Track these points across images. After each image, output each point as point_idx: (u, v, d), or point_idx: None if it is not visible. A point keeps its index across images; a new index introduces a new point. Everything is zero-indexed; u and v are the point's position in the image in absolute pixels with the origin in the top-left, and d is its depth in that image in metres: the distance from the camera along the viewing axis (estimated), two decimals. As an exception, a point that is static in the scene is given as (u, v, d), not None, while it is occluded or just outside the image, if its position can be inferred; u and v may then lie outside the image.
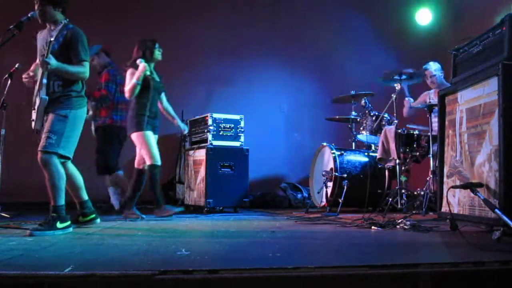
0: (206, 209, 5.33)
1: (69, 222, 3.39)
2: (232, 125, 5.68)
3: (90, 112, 5.37)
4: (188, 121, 6.16)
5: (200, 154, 5.60)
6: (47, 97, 3.40)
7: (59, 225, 3.29)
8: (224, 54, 6.98)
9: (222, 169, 5.50)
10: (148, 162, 4.64)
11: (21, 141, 5.62)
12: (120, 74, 5.39)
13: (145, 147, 4.64)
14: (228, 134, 5.65)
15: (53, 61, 3.31)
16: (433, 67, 5.33)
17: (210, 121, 5.58)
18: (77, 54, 3.45)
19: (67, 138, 3.41)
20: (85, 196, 3.69)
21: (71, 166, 3.59)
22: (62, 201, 3.36)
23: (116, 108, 5.37)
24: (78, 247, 2.66)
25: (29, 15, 3.70)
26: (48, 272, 1.78)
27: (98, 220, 3.75)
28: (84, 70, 3.48)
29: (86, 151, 4.78)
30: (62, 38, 3.44)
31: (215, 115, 5.63)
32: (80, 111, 3.53)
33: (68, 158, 3.50)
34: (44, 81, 3.43)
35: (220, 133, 5.61)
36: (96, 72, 5.48)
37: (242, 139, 5.69)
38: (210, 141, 5.53)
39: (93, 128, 5.46)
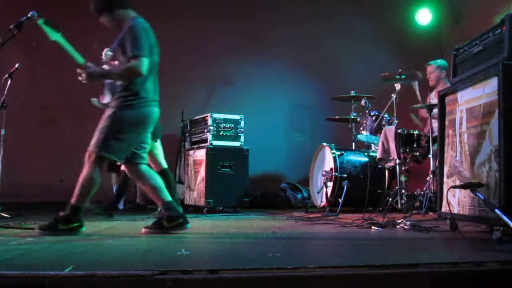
0: (206, 209, 5.33)
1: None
2: (232, 125, 5.67)
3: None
4: (188, 121, 6.16)
5: (200, 154, 5.60)
6: (96, 100, 3.32)
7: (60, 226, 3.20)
8: (224, 54, 6.97)
9: (222, 169, 5.50)
10: None
11: (21, 141, 5.65)
12: None
13: None
14: (228, 134, 5.64)
15: (91, 70, 3.18)
16: (435, 64, 5.30)
17: (210, 121, 5.57)
18: (128, 50, 3.20)
19: (109, 137, 3.21)
20: (167, 197, 3.39)
21: (144, 168, 3.40)
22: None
23: None
24: (78, 247, 2.66)
25: (29, 15, 3.70)
26: (48, 272, 1.78)
27: (188, 225, 3.39)
28: (136, 65, 3.15)
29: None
30: (121, 36, 3.31)
31: (215, 115, 5.62)
32: (131, 111, 3.25)
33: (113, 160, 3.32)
34: (108, 81, 3.34)
35: (220, 133, 5.61)
36: None
37: (242, 139, 5.69)
38: (210, 141, 5.52)
39: None
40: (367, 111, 5.52)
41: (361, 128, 5.60)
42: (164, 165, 4.63)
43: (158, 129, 4.27)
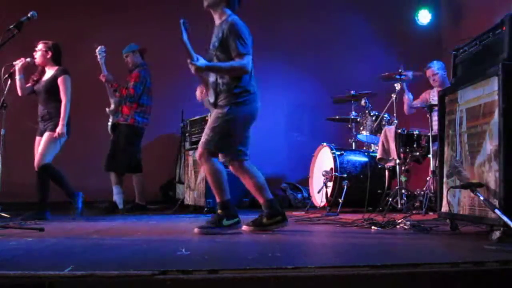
0: (206, 209, 5.32)
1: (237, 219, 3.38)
2: (232, 125, 5.66)
3: (112, 106, 5.43)
4: (188, 121, 6.16)
5: (200, 154, 5.59)
6: (207, 100, 3.40)
7: (225, 222, 3.30)
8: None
9: (222, 169, 5.49)
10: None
11: (21, 141, 5.63)
12: (150, 77, 5.49)
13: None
14: (228, 134, 5.64)
15: (199, 62, 3.21)
16: (436, 65, 5.31)
17: (210, 121, 5.56)
18: (234, 48, 3.28)
19: (223, 136, 3.31)
20: (269, 195, 3.50)
21: (247, 164, 3.54)
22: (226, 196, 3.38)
23: (140, 110, 5.45)
24: (78, 247, 2.66)
25: (29, 15, 3.71)
26: (48, 272, 1.78)
27: (287, 222, 3.46)
28: (243, 63, 3.28)
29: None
30: (221, 33, 3.36)
31: (215, 115, 5.61)
32: (243, 108, 3.36)
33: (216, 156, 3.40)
34: (211, 79, 3.36)
35: (220, 133, 5.60)
36: (128, 69, 5.56)
37: (242, 139, 5.68)
38: (210, 141, 5.51)
39: (110, 123, 5.48)
40: (367, 111, 5.52)
41: (361, 128, 5.60)
42: None
43: None
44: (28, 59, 4.71)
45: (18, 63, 4.69)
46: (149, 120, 5.61)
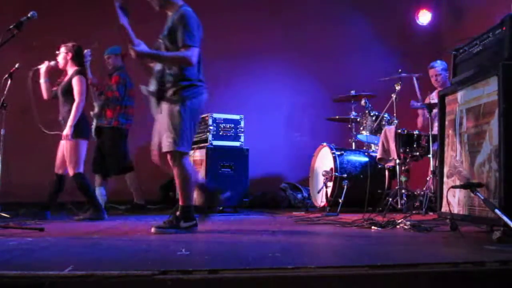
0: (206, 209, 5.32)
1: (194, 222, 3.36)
2: (232, 125, 5.68)
3: (96, 109, 5.40)
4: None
5: (200, 154, 5.60)
6: (145, 88, 3.29)
7: (182, 224, 3.30)
8: (224, 54, 6.97)
9: (222, 169, 5.50)
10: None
11: (21, 141, 5.64)
12: (129, 79, 5.48)
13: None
14: (228, 134, 5.65)
15: (140, 48, 3.15)
16: (440, 66, 5.29)
17: (210, 121, 5.57)
18: (180, 39, 3.22)
19: (183, 132, 3.27)
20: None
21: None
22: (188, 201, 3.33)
23: (123, 111, 5.44)
24: (78, 247, 2.66)
25: (29, 15, 3.70)
26: (48, 272, 1.78)
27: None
28: (187, 54, 3.21)
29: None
30: (171, 23, 3.31)
31: (215, 115, 5.63)
32: (194, 101, 3.33)
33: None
34: (156, 68, 3.29)
35: (220, 133, 5.61)
36: (107, 72, 5.55)
37: (242, 139, 5.69)
38: (210, 141, 5.52)
39: (93, 126, 5.44)
40: (367, 111, 5.52)
41: (361, 128, 5.60)
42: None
43: None
44: (52, 63, 4.66)
45: (42, 67, 4.65)
46: (133, 121, 5.59)
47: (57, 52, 4.73)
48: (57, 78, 4.77)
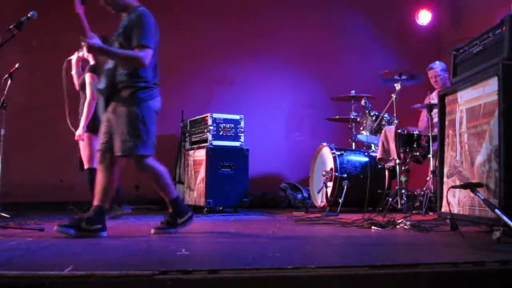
0: (206, 209, 5.33)
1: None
2: (232, 125, 5.67)
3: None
4: (188, 121, 6.16)
5: (200, 154, 5.60)
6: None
7: (179, 220, 3.30)
8: (224, 54, 6.97)
9: (222, 169, 5.50)
10: None
11: (21, 141, 5.64)
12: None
13: None
14: (228, 134, 5.64)
15: (93, 41, 3.03)
16: (439, 67, 5.29)
17: (210, 121, 5.57)
18: (135, 38, 3.10)
19: (142, 134, 3.18)
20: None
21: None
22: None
23: None
24: (78, 247, 2.66)
25: (29, 15, 3.70)
26: (48, 272, 1.78)
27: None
28: (140, 55, 3.07)
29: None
30: (127, 22, 3.18)
31: (215, 115, 5.63)
32: (150, 103, 3.22)
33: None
34: (107, 66, 3.19)
35: (220, 133, 5.61)
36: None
37: (242, 139, 5.69)
38: (210, 141, 5.52)
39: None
40: (367, 111, 5.52)
41: (361, 128, 5.60)
42: None
43: None
44: (81, 53, 4.61)
45: (74, 57, 4.62)
46: None
47: (82, 43, 4.70)
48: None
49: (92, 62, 4.65)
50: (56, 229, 3.04)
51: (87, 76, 4.51)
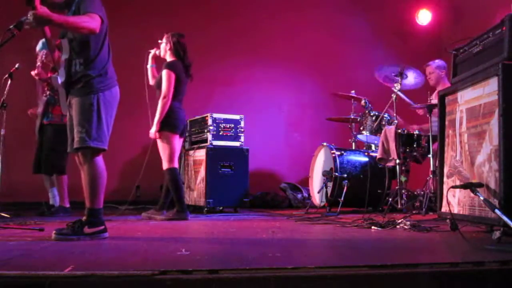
0: (206, 209, 5.33)
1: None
2: (232, 125, 5.68)
3: (40, 109, 5.14)
4: (188, 121, 6.16)
5: (200, 154, 5.60)
6: (56, 77, 3.00)
7: (87, 230, 2.96)
8: (224, 54, 6.97)
9: (222, 169, 5.50)
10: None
11: (21, 141, 5.63)
12: None
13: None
14: (228, 134, 5.65)
15: (41, 10, 2.75)
16: (434, 64, 5.29)
17: (210, 121, 5.58)
18: (83, 9, 2.92)
19: (97, 127, 2.98)
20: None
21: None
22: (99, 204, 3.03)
23: None
24: (78, 247, 2.66)
25: (29, 15, 3.69)
26: (48, 272, 1.78)
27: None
28: (91, 20, 2.88)
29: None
30: (74, 6, 3.03)
31: (215, 115, 5.63)
32: (108, 93, 3.05)
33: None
34: (64, 57, 3.01)
35: (220, 133, 5.61)
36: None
37: (242, 139, 5.69)
38: (210, 141, 5.53)
39: (38, 124, 5.14)
40: (367, 111, 5.52)
41: (361, 128, 5.60)
42: None
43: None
44: (157, 51, 4.64)
45: (151, 52, 4.64)
46: None
47: (159, 41, 4.67)
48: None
49: (169, 59, 4.60)
50: (54, 237, 2.88)
51: (164, 73, 4.44)
